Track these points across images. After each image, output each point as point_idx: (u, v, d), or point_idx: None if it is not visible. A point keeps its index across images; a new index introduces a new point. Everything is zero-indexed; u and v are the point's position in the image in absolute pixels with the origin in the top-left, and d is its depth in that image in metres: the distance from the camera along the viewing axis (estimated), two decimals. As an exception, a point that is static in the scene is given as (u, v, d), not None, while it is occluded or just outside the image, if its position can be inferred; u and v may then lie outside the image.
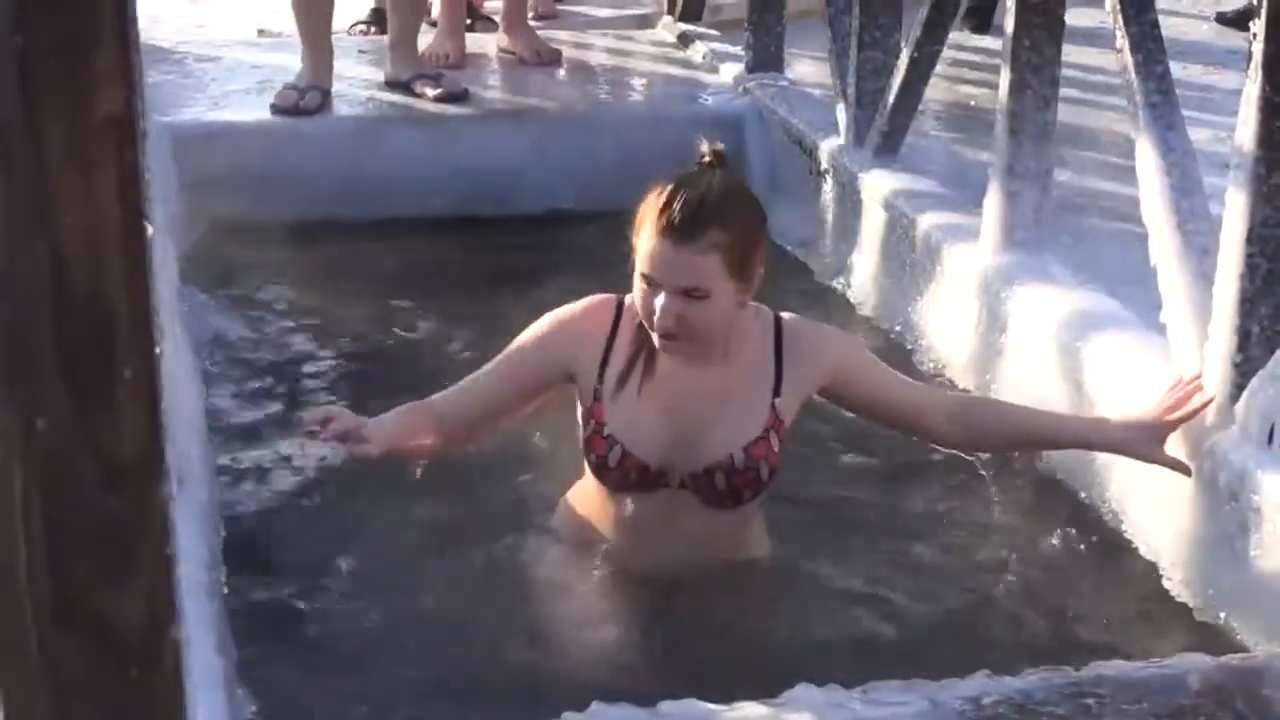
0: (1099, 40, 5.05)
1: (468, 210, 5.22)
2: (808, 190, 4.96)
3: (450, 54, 5.87)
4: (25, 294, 1.00)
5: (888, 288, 4.37)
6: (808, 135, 5.02)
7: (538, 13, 6.62)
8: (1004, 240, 3.89)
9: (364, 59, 5.86)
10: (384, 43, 5.72)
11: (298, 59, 5.39)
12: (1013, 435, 3.09)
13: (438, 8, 6.13)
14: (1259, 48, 2.79)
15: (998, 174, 3.91)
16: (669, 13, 6.58)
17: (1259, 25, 2.79)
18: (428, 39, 5.89)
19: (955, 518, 3.34)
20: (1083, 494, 3.36)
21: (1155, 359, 3.22)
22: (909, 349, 4.12)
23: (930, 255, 4.14)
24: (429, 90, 5.41)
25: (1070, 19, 3.89)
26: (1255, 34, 2.80)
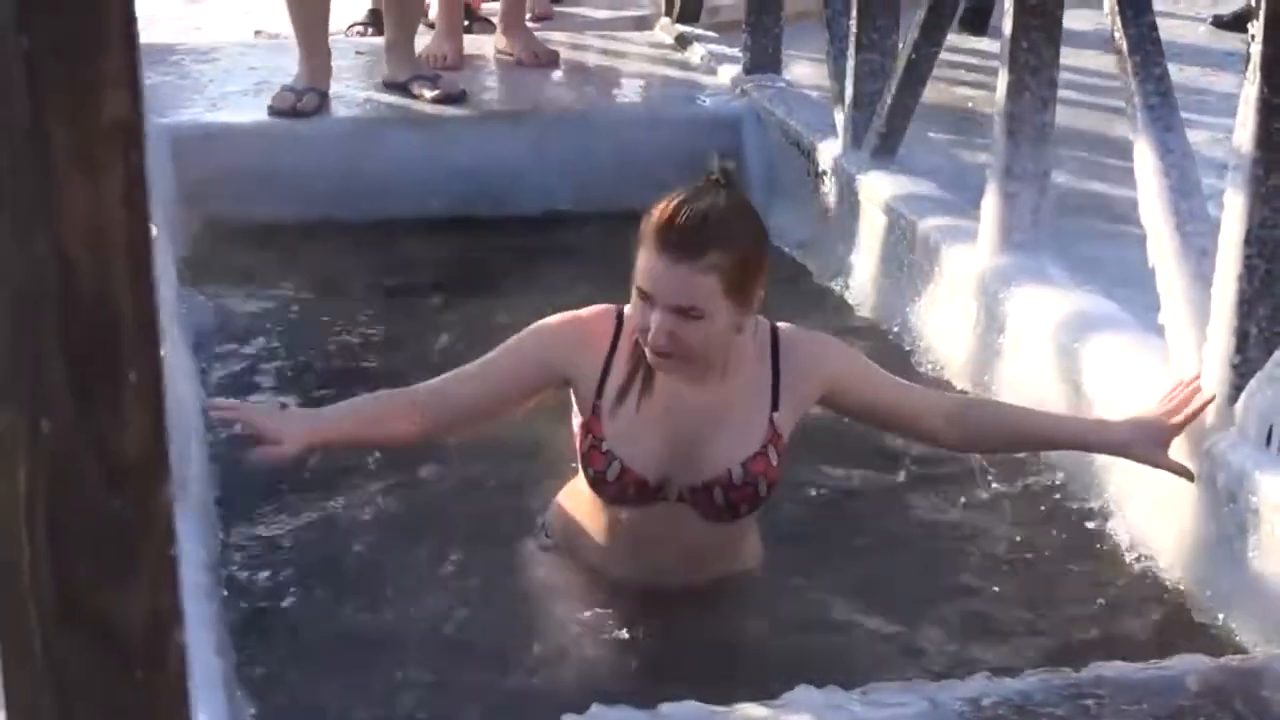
0: (1097, 42, 5.06)
1: (465, 211, 5.22)
2: (805, 192, 4.97)
3: (448, 55, 5.87)
4: (30, 296, 1.00)
5: (886, 289, 4.38)
6: (805, 137, 5.03)
7: (534, 14, 6.62)
8: (1002, 241, 3.89)
9: (361, 61, 5.86)
10: (381, 44, 5.72)
11: (295, 61, 5.39)
12: (1011, 436, 3.09)
13: (435, 9, 6.13)
14: (1257, 49, 2.79)
15: (996, 175, 3.91)
16: (666, 14, 6.59)
17: (1257, 27, 2.79)
18: (425, 40, 5.89)
19: (953, 519, 3.35)
20: (1081, 495, 3.37)
21: (1153, 360, 3.23)
22: (907, 350, 4.12)
23: (928, 256, 4.15)
24: (427, 91, 5.41)
25: (1067, 21, 3.89)
26: (1253, 36, 2.80)
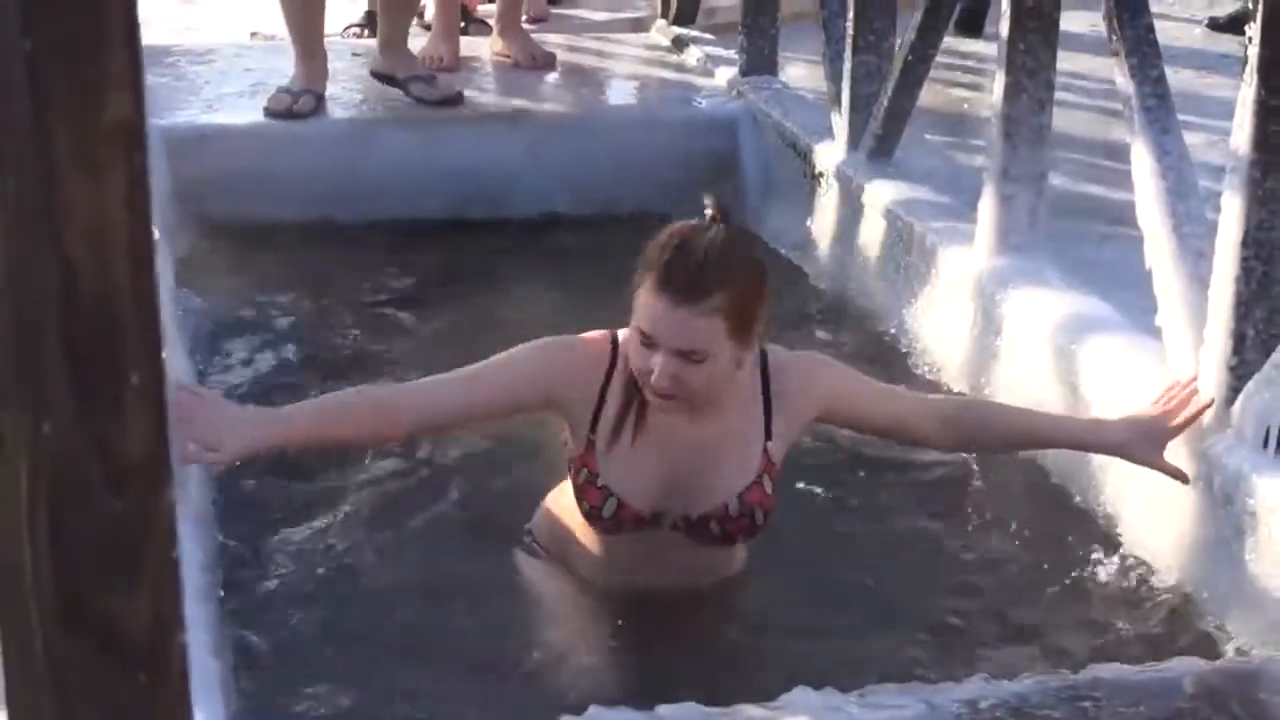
0: (1093, 45, 5.07)
1: (462, 213, 5.21)
2: (801, 194, 4.97)
3: (444, 57, 5.86)
4: (32, 297, 1.00)
5: (882, 291, 4.38)
6: (802, 138, 5.03)
7: (530, 16, 6.62)
8: (999, 244, 3.89)
9: (357, 62, 5.85)
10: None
11: (291, 62, 5.38)
12: (1007, 436, 3.09)
13: (431, 10, 6.13)
14: (1254, 51, 2.79)
15: (993, 178, 3.92)
16: (663, 16, 6.59)
17: (1254, 29, 2.79)
18: (421, 41, 5.88)
19: (950, 522, 3.34)
20: (1078, 497, 3.37)
21: (1149, 362, 3.23)
22: (904, 352, 4.12)
23: (925, 258, 4.15)
24: (424, 93, 5.39)
25: (1064, 23, 3.89)
26: (1250, 38, 2.81)
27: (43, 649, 1.06)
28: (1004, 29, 3.83)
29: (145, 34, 1.01)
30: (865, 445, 3.50)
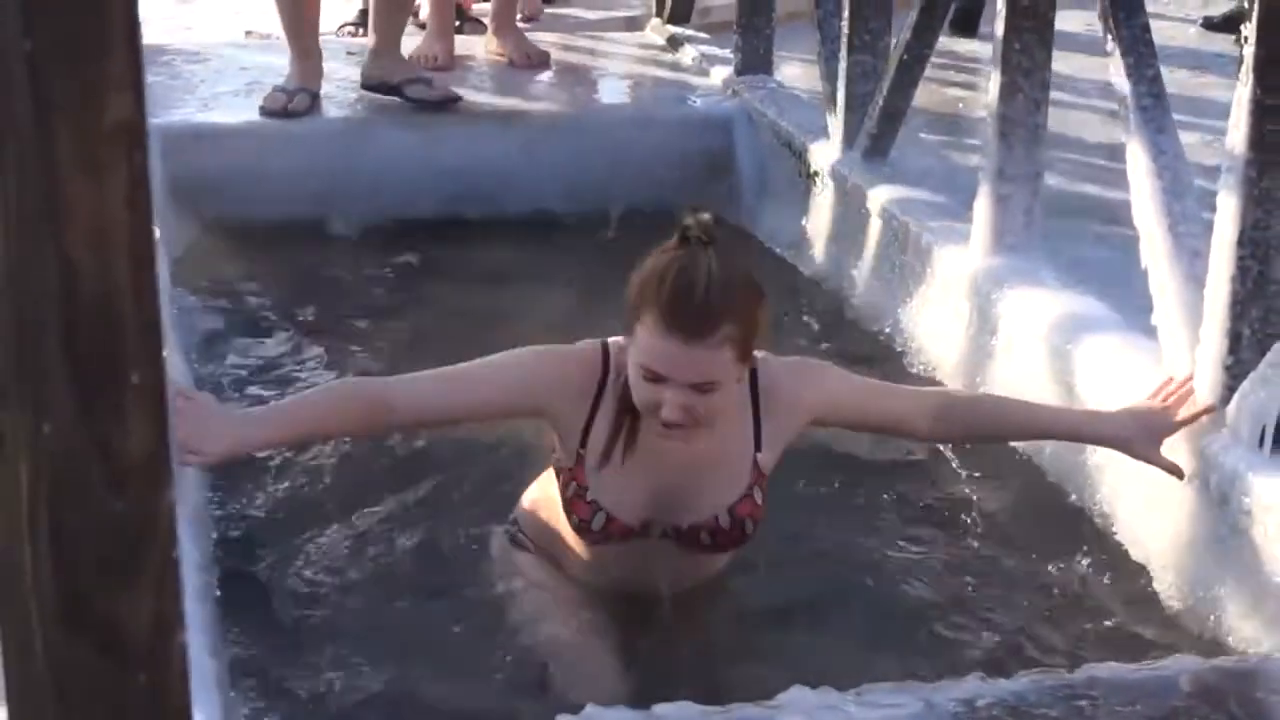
0: (1089, 44, 5.07)
1: (456, 212, 5.21)
2: (797, 193, 4.97)
3: (438, 56, 5.85)
4: (33, 297, 1.00)
5: (877, 291, 4.38)
6: (797, 138, 5.03)
7: (523, 14, 6.61)
8: (994, 243, 3.90)
9: (352, 61, 5.84)
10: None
11: (286, 60, 5.38)
12: (1004, 428, 3.09)
13: (425, 9, 6.12)
14: (1250, 51, 2.79)
15: (988, 177, 3.92)
16: (657, 15, 6.59)
17: (1250, 29, 2.80)
18: (415, 40, 5.88)
19: (946, 521, 3.35)
20: (1073, 496, 3.37)
21: (1145, 362, 3.23)
22: (899, 351, 4.12)
23: (920, 258, 4.15)
24: (421, 93, 5.36)
25: (1059, 23, 3.89)
26: (1246, 37, 2.81)
27: (43, 649, 1.06)
28: (999, 28, 3.84)
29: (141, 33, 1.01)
30: (861, 446, 3.50)
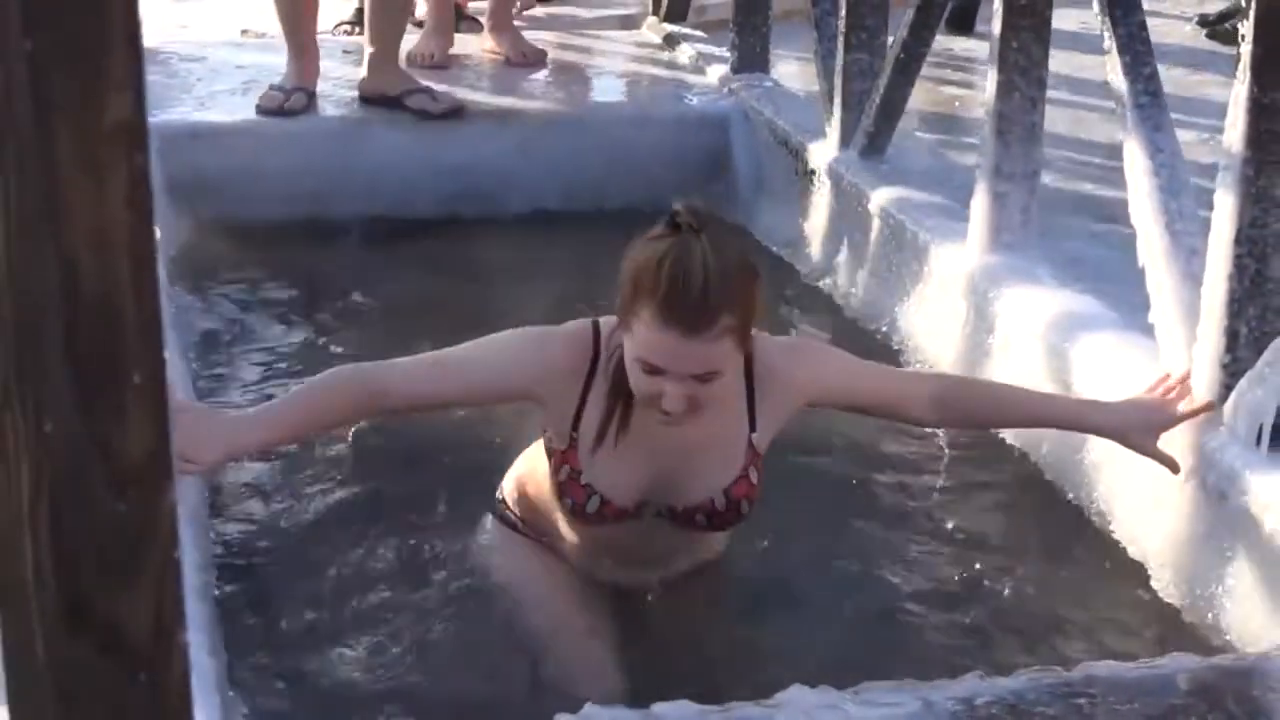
0: (1086, 42, 5.07)
1: (453, 211, 5.22)
2: (793, 191, 4.97)
3: (435, 54, 5.85)
4: (34, 297, 1.00)
5: (874, 289, 4.38)
6: (793, 136, 5.03)
7: (518, 9, 6.61)
8: (991, 241, 3.90)
9: (349, 60, 5.85)
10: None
11: (283, 59, 5.38)
12: (1002, 414, 3.08)
13: (423, 8, 6.12)
14: (1247, 49, 2.79)
15: (985, 175, 3.92)
16: (654, 13, 6.59)
17: (1247, 27, 2.80)
18: (413, 39, 5.87)
19: (945, 520, 3.35)
20: (1071, 494, 3.37)
21: (1142, 360, 3.23)
22: (896, 349, 4.12)
23: (917, 256, 4.15)
24: (425, 104, 5.30)
25: (1056, 21, 3.90)
26: (1243, 36, 2.81)
27: (43, 649, 1.06)
28: (996, 26, 3.84)
29: (140, 33, 1.01)
30: (861, 443, 3.50)
